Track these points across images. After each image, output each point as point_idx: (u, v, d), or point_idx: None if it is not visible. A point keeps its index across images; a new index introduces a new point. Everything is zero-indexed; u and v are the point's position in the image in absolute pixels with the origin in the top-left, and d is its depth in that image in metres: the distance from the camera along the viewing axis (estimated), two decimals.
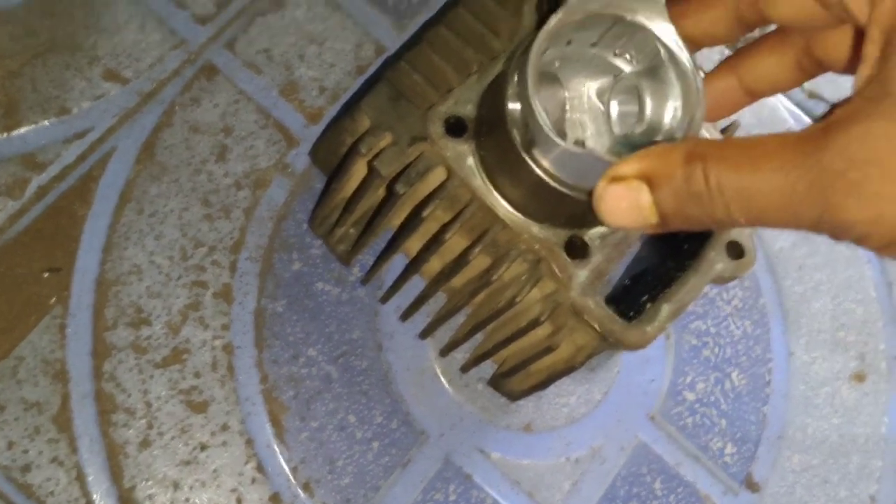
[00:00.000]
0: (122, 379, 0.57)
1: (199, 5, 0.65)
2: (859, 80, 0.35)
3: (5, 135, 0.59)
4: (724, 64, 0.46)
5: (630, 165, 0.38)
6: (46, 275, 0.58)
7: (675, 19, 0.44)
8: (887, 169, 0.31)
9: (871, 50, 0.35)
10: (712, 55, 0.74)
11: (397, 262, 0.61)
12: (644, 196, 0.38)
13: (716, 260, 0.54)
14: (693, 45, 0.46)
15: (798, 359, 0.69)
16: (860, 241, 0.33)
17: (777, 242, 0.72)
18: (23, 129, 0.60)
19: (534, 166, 0.47)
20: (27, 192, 0.59)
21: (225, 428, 0.58)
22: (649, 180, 0.38)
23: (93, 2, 0.63)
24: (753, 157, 0.35)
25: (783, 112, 0.76)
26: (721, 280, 0.54)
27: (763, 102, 0.75)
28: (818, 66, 0.44)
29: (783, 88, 0.46)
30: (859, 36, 0.38)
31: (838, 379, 0.69)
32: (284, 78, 0.65)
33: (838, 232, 0.34)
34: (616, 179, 0.38)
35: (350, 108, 0.52)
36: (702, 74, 0.46)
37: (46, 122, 0.60)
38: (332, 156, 0.56)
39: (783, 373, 0.69)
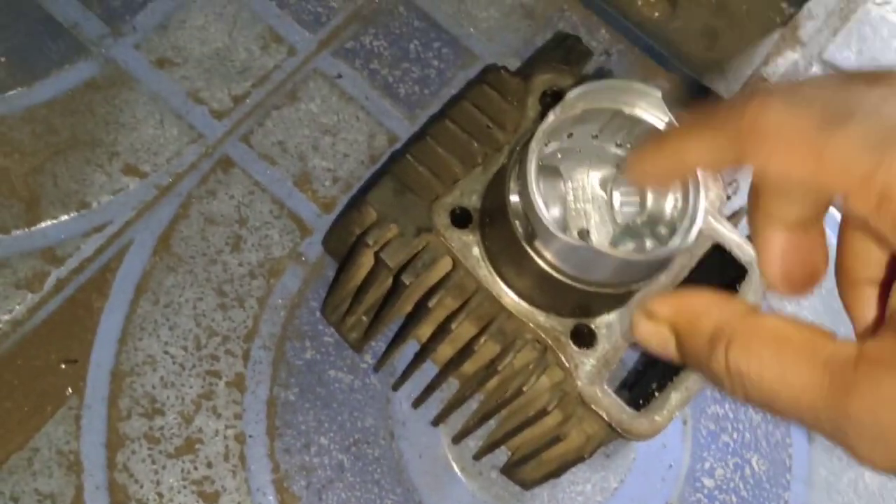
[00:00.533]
0: (134, 469, 0.57)
1: (216, 101, 0.67)
2: (891, 308, 0.33)
3: (27, 230, 0.61)
4: (755, 219, 0.38)
5: (663, 307, 0.37)
6: (63, 366, 0.59)
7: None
8: (887, 435, 0.30)
9: None
10: None
11: (410, 349, 0.62)
12: (671, 343, 0.36)
13: None
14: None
15: (820, 443, 0.68)
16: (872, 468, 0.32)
17: None
18: (44, 224, 0.61)
19: (536, 258, 0.47)
20: (46, 286, 0.60)
21: None
22: (677, 334, 0.36)
23: (113, 99, 0.65)
24: (780, 359, 0.33)
25: None
26: None
27: None
28: None
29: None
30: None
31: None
32: (299, 169, 0.66)
33: (866, 467, 0.32)
34: (650, 316, 0.37)
35: (357, 200, 0.53)
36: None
37: (67, 217, 0.62)
38: (343, 246, 0.57)
39: (804, 458, 0.68)
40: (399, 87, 0.71)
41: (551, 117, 0.46)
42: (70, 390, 0.58)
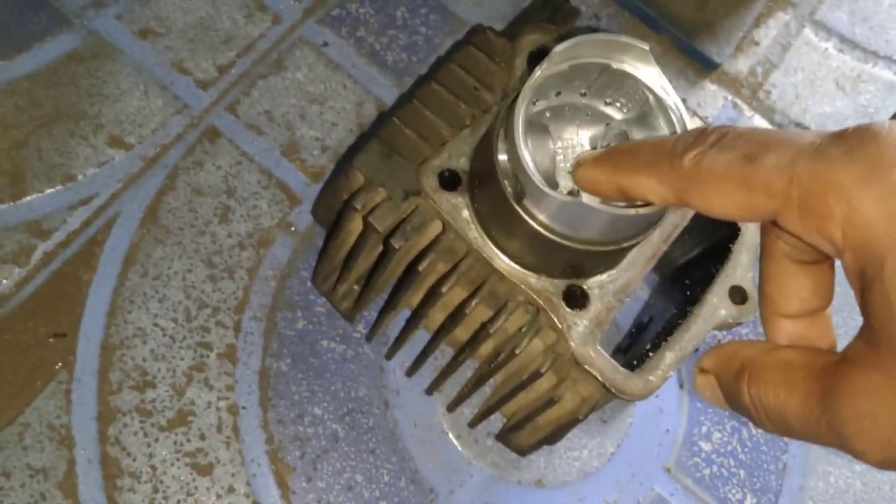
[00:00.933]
0: (127, 443, 0.57)
1: (200, 70, 0.66)
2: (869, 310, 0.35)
3: (12, 203, 0.60)
4: (768, 320, 0.43)
5: (709, 360, 0.40)
6: (52, 340, 0.58)
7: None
8: (892, 423, 0.32)
9: (855, 286, 0.35)
10: None
11: (403, 317, 0.61)
12: (719, 391, 0.40)
13: (718, 305, 0.53)
14: None
15: None
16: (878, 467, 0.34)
17: None
18: (29, 198, 0.61)
19: (526, 217, 0.46)
20: (33, 259, 0.59)
21: (231, 490, 0.57)
22: (718, 380, 0.40)
23: (96, 71, 0.65)
24: (787, 383, 0.36)
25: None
26: (725, 325, 0.54)
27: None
28: None
29: (827, 286, 0.42)
30: None
31: None
32: (286, 138, 0.65)
33: (868, 464, 0.35)
34: (700, 371, 0.41)
35: (344, 165, 0.52)
36: (689, 117, 0.46)
37: (52, 190, 0.61)
38: (331, 213, 0.56)
39: None
40: (386, 54, 0.70)
41: (538, 73, 0.45)
42: (60, 364, 0.58)
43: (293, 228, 0.64)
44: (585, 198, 0.44)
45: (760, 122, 0.75)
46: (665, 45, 0.75)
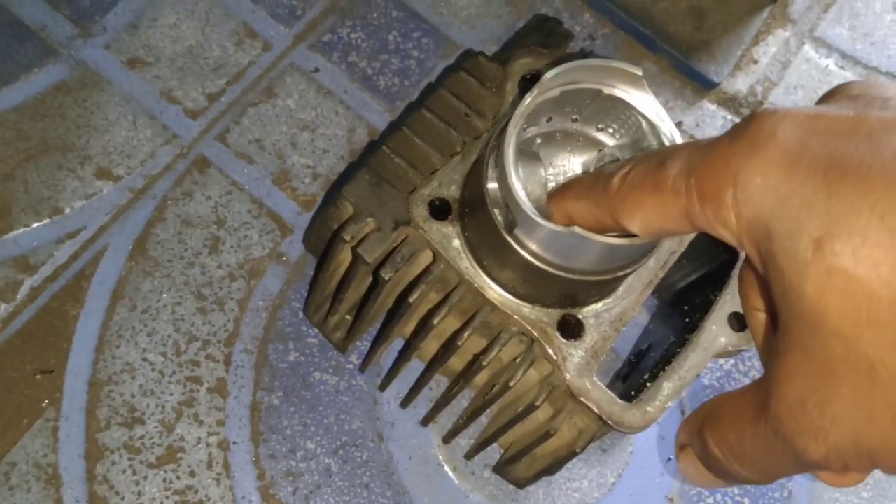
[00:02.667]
0: (115, 481, 0.56)
1: (190, 99, 0.65)
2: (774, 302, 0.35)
3: None
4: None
5: (680, 434, 0.40)
6: (38, 377, 0.57)
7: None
8: (817, 401, 0.31)
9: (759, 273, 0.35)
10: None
11: (396, 348, 0.60)
12: (699, 464, 0.39)
13: (718, 333, 0.51)
14: None
15: None
16: (851, 471, 0.33)
17: None
18: (15, 232, 0.60)
19: (517, 247, 0.45)
20: (20, 295, 0.58)
21: None
22: (693, 448, 0.39)
23: (84, 102, 0.64)
24: (736, 411, 0.35)
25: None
26: (726, 354, 0.52)
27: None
28: None
29: None
30: None
31: None
32: (277, 167, 0.64)
33: (830, 471, 0.34)
34: (680, 449, 0.40)
35: (333, 195, 0.51)
36: (686, 139, 0.45)
37: (39, 224, 0.60)
38: (322, 243, 0.55)
39: None
40: (378, 79, 0.69)
41: (528, 100, 0.44)
42: (47, 401, 0.57)
43: (285, 258, 0.63)
44: (577, 227, 0.43)
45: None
46: (662, 64, 0.74)
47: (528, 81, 0.54)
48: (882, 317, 0.29)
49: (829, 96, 0.35)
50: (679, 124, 0.57)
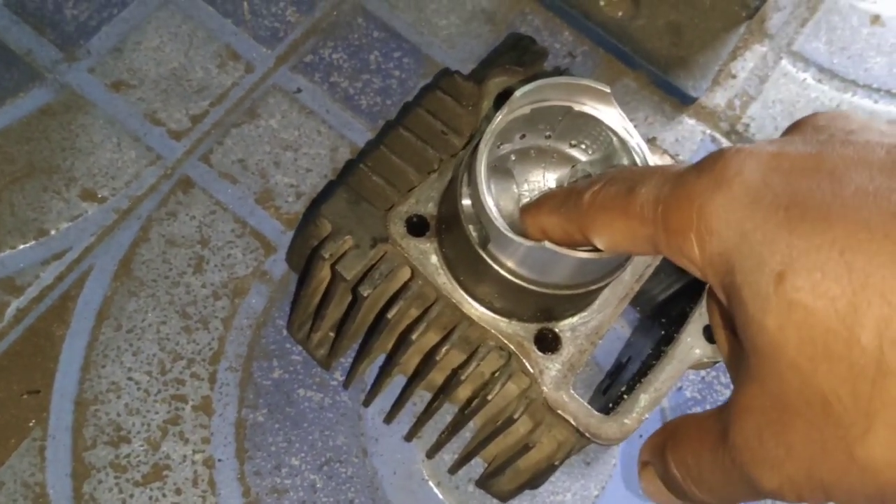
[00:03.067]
0: (101, 499, 0.56)
1: (174, 121, 0.66)
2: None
3: None
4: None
5: (644, 451, 0.41)
6: (25, 397, 0.58)
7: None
8: (773, 432, 0.32)
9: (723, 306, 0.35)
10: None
11: (379, 363, 0.60)
12: (658, 481, 0.40)
13: (693, 345, 0.52)
14: None
15: None
16: (802, 502, 0.34)
17: None
18: (1, 254, 0.60)
19: (492, 263, 0.46)
20: (6, 316, 0.59)
21: None
22: (655, 466, 0.40)
23: (69, 125, 0.65)
24: (698, 436, 0.36)
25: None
26: (701, 365, 0.53)
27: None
28: None
29: None
30: None
31: None
32: (260, 186, 0.65)
33: (784, 501, 0.34)
34: (642, 466, 0.41)
35: (312, 213, 0.52)
36: (653, 159, 0.46)
37: (25, 245, 0.61)
38: (303, 261, 0.56)
39: None
40: (360, 98, 0.70)
41: (499, 117, 0.45)
42: (33, 421, 0.57)
43: (268, 276, 0.63)
44: (548, 242, 0.44)
45: None
46: (641, 80, 0.75)
47: (504, 99, 0.55)
48: (837, 351, 0.29)
49: (794, 128, 0.36)
50: (652, 140, 0.58)
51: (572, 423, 0.49)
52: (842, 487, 0.31)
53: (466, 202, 0.46)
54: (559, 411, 0.49)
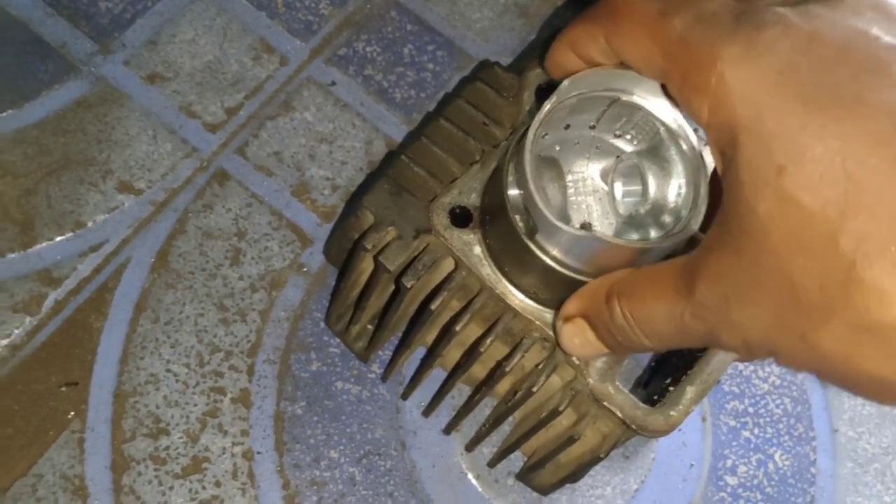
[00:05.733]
0: (141, 492, 0.56)
1: (209, 114, 0.66)
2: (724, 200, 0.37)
3: (22, 252, 0.60)
4: None
5: (572, 305, 0.44)
6: (64, 389, 0.58)
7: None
8: (739, 301, 0.35)
9: (719, 169, 0.36)
10: None
11: (418, 356, 0.60)
12: (588, 332, 0.43)
13: None
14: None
15: (843, 435, 0.66)
16: (752, 360, 0.37)
17: None
18: (39, 246, 0.60)
19: (538, 252, 0.46)
20: (44, 308, 0.59)
21: None
22: (587, 318, 0.43)
23: (104, 117, 0.64)
24: (654, 289, 0.39)
25: None
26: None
27: None
28: None
29: None
30: None
31: (888, 454, 0.66)
32: (296, 178, 0.65)
33: (737, 354, 0.38)
34: (566, 319, 0.44)
35: (353, 205, 0.52)
36: (706, 150, 0.45)
37: (62, 238, 0.61)
38: (343, 253, 0.56)
39: (828, 451, 0.66)
40: (394, 91, 0.70)
41: (547, 106, 0.44)
42: (72, 413, 0.57)
43: (305, 269, 0.63)
44: (597, 229, 0.43)
45: None
46: None
47: (545, 90, 0.55)
48: (817, 250, 0.32)
49: None
50: (696, 130, 0.58)
51: (618, 414, 0.49)
52: (788, 356, 0.35)
53: (513, 192, 0.46)
54: (605, 403, 0.49)
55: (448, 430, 0.60)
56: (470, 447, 0.60)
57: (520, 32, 0.74)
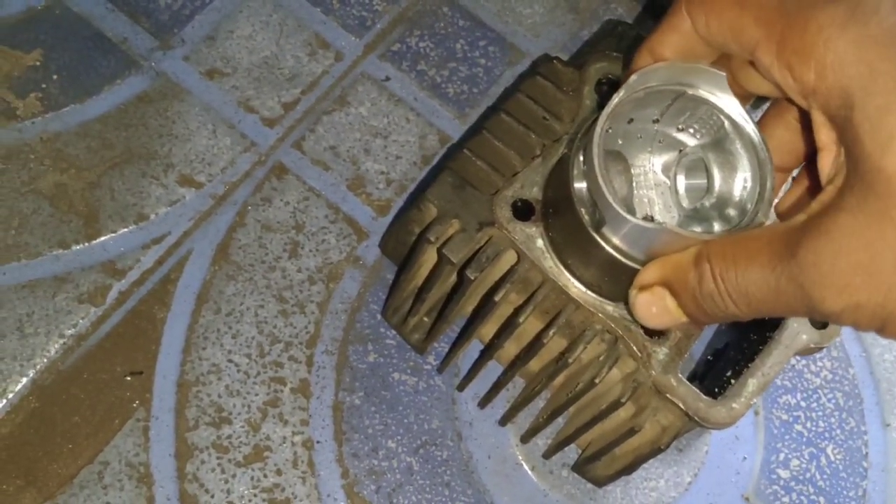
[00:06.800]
0: (204, 479, 0.57)
1: (267, 109, 0.67)
2: (824, 166, 0.37)
3: (87, 244, 0.61)
4: (772, 111, 0.46)
5: (651, 273, 0.43)
6: (128, 378, 0.59)
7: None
8: (853, 262, 0.33)
9: (824, 137, 0.36)
10: None
11: (473, 349, 0.61)
12: (668, 300, 0.42)
13: (799, 331, 0.52)
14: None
15: (895, 430, 0.66)
16: (854, 327, 0.35)
17: None
18: (103, 238, 0.61)
19: (604, 244, 0.46)
20: (108, 299, 0.60)
21: None
22: (669, 286, 0.42)
23: (165, 111, 0.66)
24: (748, 253, 0.38)
25: None
26: (807, 351, 0.53)
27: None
28: None
29: (805, 154, 0.46)
30: None
31: None
32: (352, 172, 0.66)
33: (831, 320, 0.36)
34: (643, 288, 0.43)
35: (416, 198, 0.52)
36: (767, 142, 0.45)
37: (125, 230, 0.62)
38: (402, 246, 0.56)
39: (880, 445, 0.66)
40: (447, 86, 0.70)
41: (615, 100, 0.45)
42: (137, 402, 0.58)
43: (361, 262, 0.64)
44: (668, 223, 0.44)
45: None
46: None
47: (605, 85, 0.55)
48: None
49: None
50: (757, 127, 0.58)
51: (681, 406, 0.49)
52: None
53: (579, 185, 0.47)
54: (668, 395, 0.49)
55: (504, 421, 0.61)
56: (525, 439, 0.61)
57: (570, 27, 0.74)
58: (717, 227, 0.48)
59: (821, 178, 0.38)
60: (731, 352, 0.58)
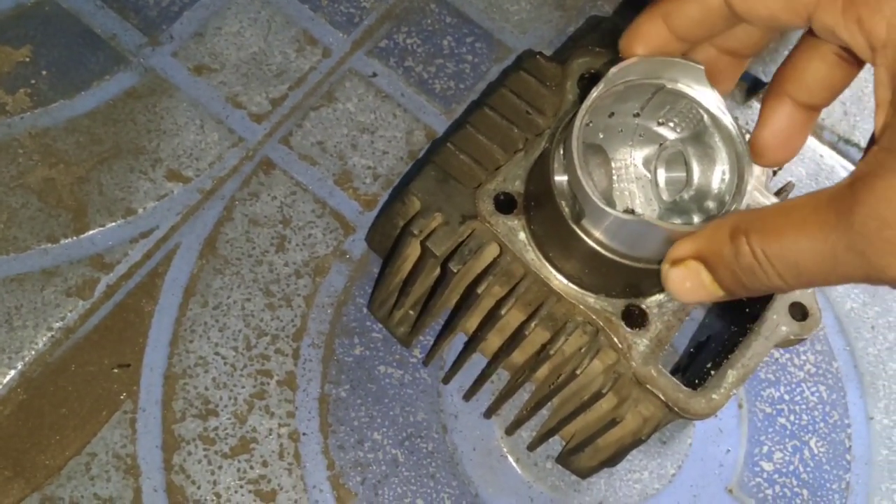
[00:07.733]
0: (191, 471, 0.58)
1: (254, 104, 0.68)
2: (878, 126, 0.35)
3: (75, 238, 0.62)
4: (772, 93, 0.44)
5: (685, 247, 0.40)
6: (116, 371, 0.59)
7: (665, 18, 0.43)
8: None
9: (883, 94, 0.35)
10: None
11: (458, 341, 0.61)
12: (703, 274, 0.39)
13: (779, 322, 0.53)
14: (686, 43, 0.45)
15: (878, 423, 0.67)
16: None
17: (847, 303, 0.70)
18: (91, 232, 0.62)
19: (585, 237, 0.47)
20: (96, 292, 0.61)
21: None
22: (704, 260, 0.39)
23: (153, 107, 0.66)
24: (793, 223, 0.35)
25: (830, 161, 0.75)
26: (787, 343, 0.53)
27: (808, 158, 0.74)
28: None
29: (840, 88, 0.43)
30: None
31: None
32: (339, 167, 0.66)
33: (893, 286, 0.34)
34: (675, 262, 0.40)
35: (400, 192, 0.53)
36: (747, 137, 0.46)
37: (113, 224, 0.62)
38: (387, 239, 0.57)
39: (864, 438, 0.66)
40: (434, 82, 0.71)
41: (594, 94, 0.45)
42: (124, 394, 0.59)
43: (348, 256, 0.64)
44: (647, 215, 0.44)
45: (809, 141, 0.75)
46: None
47: (587, 80, 0.56)
48: None
49: None
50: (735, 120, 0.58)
51: (661, 397, 0.50)
52: None
53: (559, 178, 0.47)
54: (648, 386, 0.50)
55: (488, 413, 0.61)
56: (510, 431, 0.61)
57: (557, 24, 0.75)
58: (696, 219, 0.49)
59: (874, 135, 0.36)
60: (713, 344, 0.59)
